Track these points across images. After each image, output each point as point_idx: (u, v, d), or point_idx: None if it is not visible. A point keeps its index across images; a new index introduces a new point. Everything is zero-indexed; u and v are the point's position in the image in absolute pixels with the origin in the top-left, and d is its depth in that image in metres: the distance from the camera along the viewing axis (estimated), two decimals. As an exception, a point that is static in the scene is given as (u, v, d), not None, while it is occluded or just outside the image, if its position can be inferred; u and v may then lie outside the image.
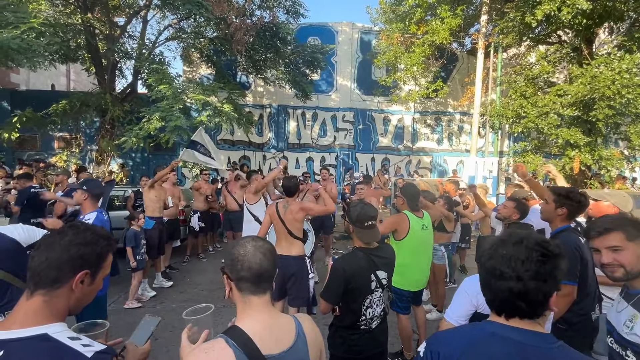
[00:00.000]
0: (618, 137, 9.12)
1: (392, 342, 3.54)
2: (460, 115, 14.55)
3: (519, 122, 9.13)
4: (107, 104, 8.68)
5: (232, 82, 11.16)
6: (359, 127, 14.26)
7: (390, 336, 3.63)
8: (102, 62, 9.65)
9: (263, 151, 13.90)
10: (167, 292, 4.89)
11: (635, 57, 7.35)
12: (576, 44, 8.88)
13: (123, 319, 3.96)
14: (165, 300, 4.59)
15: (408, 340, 3.21)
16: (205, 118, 7.19)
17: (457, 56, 13.51)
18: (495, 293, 0.93)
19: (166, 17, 11.09)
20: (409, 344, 3.21)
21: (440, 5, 10.20)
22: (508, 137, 13.75)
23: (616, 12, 8.11)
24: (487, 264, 0.95)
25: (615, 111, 7.50)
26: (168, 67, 9.33)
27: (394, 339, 3.49)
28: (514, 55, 11.98)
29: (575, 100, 7.84)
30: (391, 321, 3.90)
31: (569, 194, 2.06)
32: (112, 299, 4.45)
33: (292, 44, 10.48)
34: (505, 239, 0.95)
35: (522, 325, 0.91)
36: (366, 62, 13.84)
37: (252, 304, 1.02)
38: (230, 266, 1.04)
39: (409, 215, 3.07)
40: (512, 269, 0.88)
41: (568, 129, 8.29)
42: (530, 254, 0.89)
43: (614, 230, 1.27)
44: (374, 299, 1.95)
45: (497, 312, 0.96)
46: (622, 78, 7.16)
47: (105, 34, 9.38)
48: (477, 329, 0.98)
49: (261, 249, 1.05)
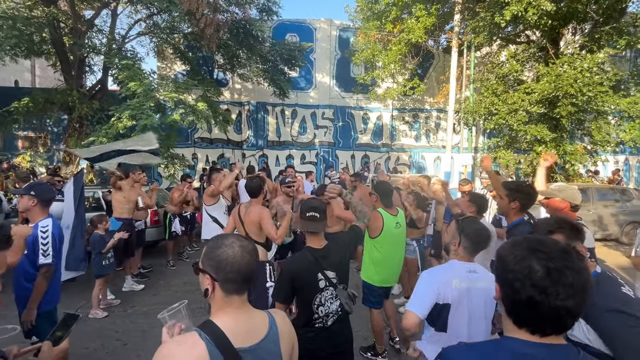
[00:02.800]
0: (582, 133, 9.61)
1: (365, 337, 3.63)
2: (437, 112, 14.88)
3: (490, 118, 9.45)
4: (74, 101, 8.29)
5: (208, 79, 10.93)
6: (338, 124, 14.33)
7: (363, 330, 3.73)
8: (68, 57, 9.20)
9: (242, 149, 13.73)
10: (139, 295, 4.75)
11: (596, 57, 7.75)
12: (543, 44, 9.27)
13: (90, 324, 3.82)
14: (136, 304, 4.46)
15: (380, 334, 3.27)
16: (178, 117, 7.01)
17: (433, 54, 13.80)
18: (545, 314, 0.80)
19: (139, 11, 10.72)
20: (381, 337, 3.27)
21: (415, 4, 10.36)
22: (482, 134, 14.20)
23: (579, 14, 8.53)
24: (539, 283, 0.79)
25: (577, 108, 7.90)
26: (141, 62, 9.03)
27: (368, 334, 3.56)
28: (487, 54, 12.36)
29: (541, 97, 8.19)
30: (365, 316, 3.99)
31: (519, 188, 2.17)
32: (79, 305, 4.29)
33: (267, 41, 10.37)
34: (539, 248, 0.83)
35: (554, 341, 0.82)
36: (345, 60, 13.90)
37: (232, 302, 1.04)
38: (215, 267, 1.03)
39: (383, 213, 3.08)
40: (570, 286, 0.77)
41: (536, 125, 8.65)
42: (581, 265, 0.79)
43: (555, 232, 1.34)
44: (325, 297, 1.95)
45: (531, 331, 0.83)
46: (584, 77, 7.54)
47: (71, 27, 8.94)
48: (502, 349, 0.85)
49: (247, 249, 1.07)
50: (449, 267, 1.78)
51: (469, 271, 1.72)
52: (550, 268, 0.78)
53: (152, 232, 6.01)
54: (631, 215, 7.96)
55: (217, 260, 1.04)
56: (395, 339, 3.49)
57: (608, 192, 8.49)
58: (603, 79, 7.80)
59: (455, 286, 1.66)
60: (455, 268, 1.74)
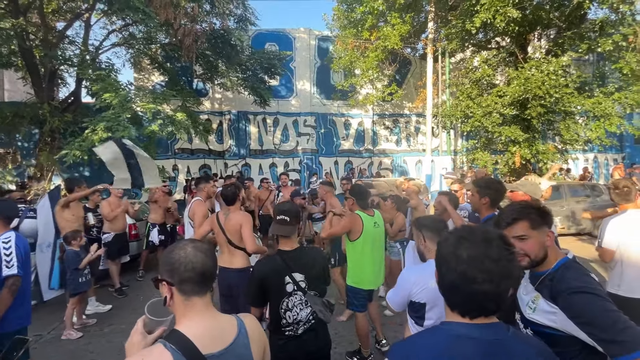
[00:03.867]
0: (553, 133, 10.08)
1: (350, 341, 3.62)
2: (416, 117, 15.24)
3: (467, 121, 9.77)
4: (45, 114, 8.00)
5: (187, 90, 10.81)
6: (320, 131, 14.42)
7: (349, 334, 3.72)
8: (38, 69, 8.90)
9: (224, 159, 13.57)
10: (117, 312, 4.55)
11: (560, 61, 8.20)
12: (512, 49, 9.73)
13: (63, 346, 3.64)
14: (114, 322, 4.27)
15: (366, 338, 3.26)
16: (157, 127, 6.87)
17: (410, 61, 14.19)
18: (465, 297, 0.87)
19: (114, 22, 10.53)
20: (366, 341, 3.27)
21: (390, 13, 10.67)
22: (460, 136, 14.62)
23: (543, 20, 9.03)
24: (458, 268, 0.86)
25: (546, 109, 8.30)
26: (116, 74, 8.82)
27: (353, 337, 3.55)
28: (461, 59, 12.83)
29: (512, 100, 8.56)
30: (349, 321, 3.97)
31: (487, 184, 2.28)
32: (52, 326, 4.08)
33: (246, 50, 10.39)
34: (467, 237, 0.90)
35: (486, 321, 0.88)
36: (324, 67, 14.07)
37: (194, 306, 1.01)
38: (170, 271, 1.02)
39: (362, 215, 3.14)
40: (487, 272, 0.83)
41: (509, 126, 9.01)
42: (502, 253, 0.86)
43: (520, 219, 1.31)
44: (293, 302, 1.88)
45: (461, 314, 0.89)
46: (550, 79, 7.95)
47: (41, 39, 8.67)
48: (440, 334, 0.91)
49: (201, 249, 1.05)
50: (427, 267, 1.78)
51: None
52: (471, 255, 0.86)
53: (131, 247, 5.82)
54: (601, 209, 8.32)
55: (170, 262, 1.03)
56: (381, 342, 3.49)
57: (579, 189, 8.89)
58: (568, 81, 8.24)
59: (432, 286, 1.66)
60: (431, 267, 1.74)
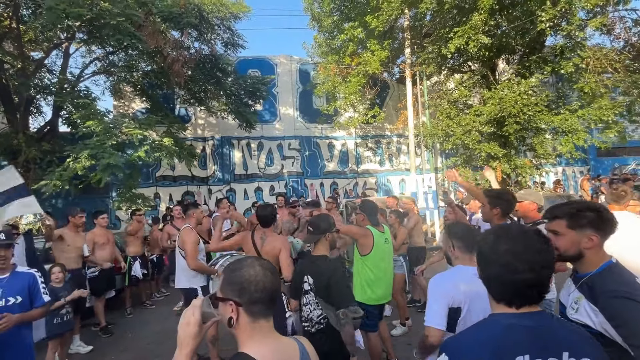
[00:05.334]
0: (525, 148, 10.67)
1: (362, 364, 3.48)
2: (397, 137, 15.75)
3: (448, 140, 10.19)
4: (19, 144, 7.61)
5: (170, 116, 10.69)
6: (305, 154, 14.54)
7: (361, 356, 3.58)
8: (12, 98, 8.55)
9: (208, 185, 13.30)
10: (104, 350, 4.19)
11: (529, 82, 8.86)
12: (483, 72, 10.43)
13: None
14: (102, 363, 3.93)
15: (378, 357, 3.16)
16: (143, 153, 6.68)
17: (388, 84, 14.84)
18: (509, 287, 0.97)
19: (92, 51, 10.41)
20: (379, 361, 3.17)
21: (369, 40, 11.24)
22: (440, 155, 15.17)
23: (509, 47, 9.84)
24: (500, 260, 0.97)
25: (521, 126, 8.83)
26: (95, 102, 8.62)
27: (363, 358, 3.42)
28: (436, 82, 13.57)
29: (489, 118, 9.07)
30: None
31: (499, 195, 2.36)
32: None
33: (232, 75, 10.52)
34: (504, 233, 1.02)
35: (531, 310, 0.97)
36: (307, 92, 14.43)
37: (261, 328, 0.98)
38: (239, 290, 0.97)
39: (373, 231, 3.13)
40: (527, 262, 0.93)
41: (488, 143, 9.47)
42: (539, 245, 0.96)
43: (559, 218, 1.41)
44: (308, 299, 2.21)
45: (507, 304, 0.98)
46: (522, 98, 8.54)
47: (17, 68, 8.41)
48: (493, 325, 0.98)
49: (269, 268, 1.03)
50: (455, 271, 1.81)
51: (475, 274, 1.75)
52: (510, 249, 0.97)
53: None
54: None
55: (239, 282, 0.98)
56: (392, 363, 3.39)
57: (556, 199, 9.34)
58: (538, 100, 8.88)
59: (463, 289, 1.68)
60: (460, 272, 1.77)
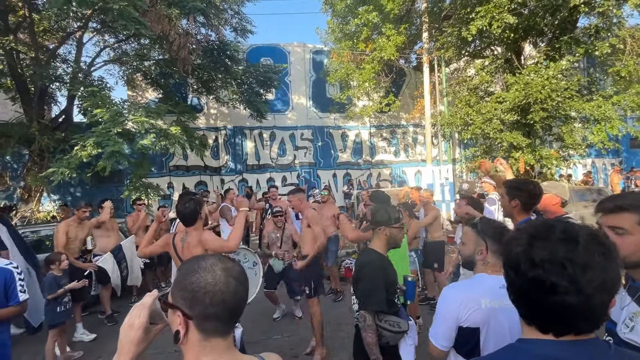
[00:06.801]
0: (552, 138, 9.96)
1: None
2: (413, 127, 15.19)
3: (467, 129, 9.63)
4: (34, 133, 7.71)
5: (181, 104, 10.64)
6: (318, 144, 14.26)
7: None
8: (28, 88, 8.68)
9: (221, 175, 13.28)
10: (106, 339, 4.14)
11: (559, 65, 8.16)
12: (507, 56, 9.73)
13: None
14: (102, 354, 3.86)
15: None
16: (149, 141, 6.60)
17: (405, 72, 14.24)
18: (544, 311, 0.69)
19: (105, 41, 10.44)
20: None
21: (385, 24, 10.71)
22: (459, 145, 14.53)
23: (537, 27, 9.08)
24: (529, 273, 0.69)
25: (548, 113, 8.18)
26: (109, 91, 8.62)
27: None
28: (455, 69, 12.87)
29: (513, 105, 8.46)
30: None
31: (518, 185, 1.99)
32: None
33: (242, 62, 10.30)
34: (541, 234, 0.71)
35: (577, 338, 0.69)
36: (320, 81, 14.06)
37: (214, 349, 0.75)
38: (190, 300, 0.74)
39: None
40: (570, 279, 0.65)
41: (510, 132, 8.87)
42: (592, 257, 0.65)
43: (628, 210, 1.04)
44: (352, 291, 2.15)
45: (540, 329, 0.71)
46: (550, 83, 7.87)
47: (32, 57, 8.50)
48: (521, 355, 0.72)
49: (233, 273, 0.78)
50: (477, 283, 1.45)
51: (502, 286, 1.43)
52: (545, 258, 0.67)
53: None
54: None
55: (192, 289, 0.74)
56: None
57: (585, 193, 8.71)
58: (569, 85, 8.19)
59: (484, 306, 1.33)
60: (484, 283, 1.40)
